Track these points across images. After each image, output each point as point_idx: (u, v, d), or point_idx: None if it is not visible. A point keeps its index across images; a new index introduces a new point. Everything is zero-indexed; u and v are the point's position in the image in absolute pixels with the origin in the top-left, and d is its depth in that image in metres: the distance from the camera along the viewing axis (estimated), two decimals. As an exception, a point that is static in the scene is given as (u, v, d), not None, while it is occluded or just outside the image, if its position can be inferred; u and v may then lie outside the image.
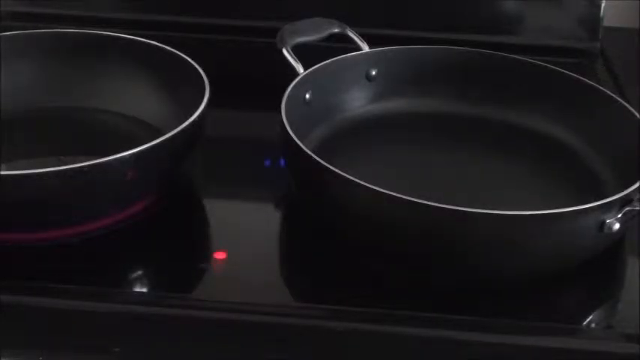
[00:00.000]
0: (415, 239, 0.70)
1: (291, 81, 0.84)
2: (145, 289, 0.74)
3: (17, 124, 0.87)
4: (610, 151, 0.84)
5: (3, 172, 0.70)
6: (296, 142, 0.74)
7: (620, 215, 0.70)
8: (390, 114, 0.92)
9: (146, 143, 0.72)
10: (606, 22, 1.12)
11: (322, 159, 0.72)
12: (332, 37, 0.92)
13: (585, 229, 0.70)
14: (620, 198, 0.70)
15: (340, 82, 0.90)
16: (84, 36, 0.92)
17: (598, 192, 0.79)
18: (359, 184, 0.69)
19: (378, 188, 0.68)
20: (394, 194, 0.67)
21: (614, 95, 0.86)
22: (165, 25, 1.06)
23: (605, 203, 0.69)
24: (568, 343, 0.67)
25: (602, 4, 1.10)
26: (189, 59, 0.85)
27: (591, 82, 0.89)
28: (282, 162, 0.86)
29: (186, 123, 0.75)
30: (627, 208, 0.70)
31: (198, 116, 0.77)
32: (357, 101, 0.92)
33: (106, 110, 0.89)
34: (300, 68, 0.86)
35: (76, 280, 0.70)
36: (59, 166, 0.70)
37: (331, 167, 0.71)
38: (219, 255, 0.75)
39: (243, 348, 0.65)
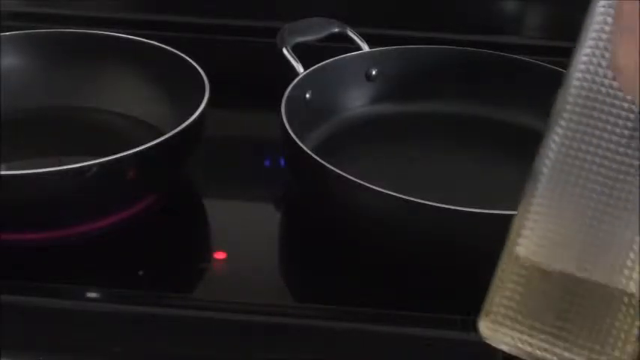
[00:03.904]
0: (415, 239, 0.70)
1: (291, 81, 0.84)
2: (144, 289, 0.74)
3: (17, 124, 0.87)
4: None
5: (3, 172, 0.70)
6: (296, 142, 0.74)
7: (620, 215, 0.70)
8: (390, 114, 0.92)
9: (146, 143, 0.72)
10: (606, 22, 1.12)
11: (322, 159, 0.72)
12: (332, 37, 0.92)
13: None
14: (620, 198, 0.70)
15: (340, 82, 0.90)
16: (84, 36, 0.92)
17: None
18: (359, 183, 0.69)
19: (378, 188, 0.68)
20: (394, 194, 0.67)
21: (614, 95, 0.86)
22: (166, 25, 1.06)
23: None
24: (568, 343, 0.66)
25: (602, 4, 1.10)
26: (190, 59, 0.85)
27: (591, 82, 0.89)
28: (282, 162, 0.86)
29: (186, 123, 0.75)
30: (627, 208, 0.70)
31: (198, 116, 0.76)
32: (357, 101, 0.92)
33: (106, 110, 0.89)
34: (300, 68, 0.86)
35: (76, 280, 0.70)
36: (59, 166, 0.70)
37: (331, 167, 0.71)
38: (219, 255, 0.75)
39: (243, 348, 0.65)
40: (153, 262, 0.76)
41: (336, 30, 0.93)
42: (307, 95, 0.86)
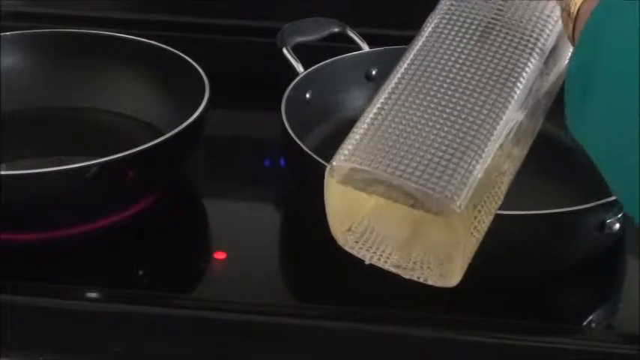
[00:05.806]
0: (415, 239, 0.70)
1: (291, 81, 0.84)
2: (145, 289, 0.74)
3: (17, 124, 0.87)
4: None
5: (3, 172, 0.70)
6: (296, 142, 0.74)
7: (620, 215, 0.70)
8: (390, 114, 0.92)
9: (146, 143, 0.72)
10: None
11: (322, 159, 0.72)
12: (332, 37, 0.92)
13: (585, 229, 0.70)
14: (620, 198, 0.70)
15: (340, 82, 0.90)
16: (84, 36, 0.92)
17: (598, 192, 0.79)
18: (359, 184, 0.69)
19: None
20: (394, 194, 0.67)
21: (614, 95, 0.86)
22: (166, 25, 1.06)
23: (605, 203, 0.69)
24: (568, 343, 0.67)
25: (602, 4, 1.10)
26: (190, 59, 0.85)
27: (591, 82, 0.88)
28: (282, 162, 0.86)
29: (186, 123, 0.75)
30: (627, 208, 0.70)
31: (198, 116, 0.77)
32: (357, 101, 0.91)
33: (106, 110, 0.89)
34: (300, 68, 0.86)
35: (76, 280, 0.70)
36: (59, 166, 0.70)
37: (331, 167, 0.71)
38: (219, 255, 0.75)
39: (243, 348, 0.65)
40: (153, 262, 0.76)
41: (336, 30, 0.93)
42: (307, 95, 0.86)
